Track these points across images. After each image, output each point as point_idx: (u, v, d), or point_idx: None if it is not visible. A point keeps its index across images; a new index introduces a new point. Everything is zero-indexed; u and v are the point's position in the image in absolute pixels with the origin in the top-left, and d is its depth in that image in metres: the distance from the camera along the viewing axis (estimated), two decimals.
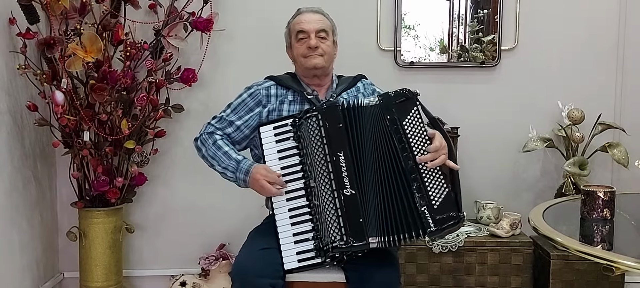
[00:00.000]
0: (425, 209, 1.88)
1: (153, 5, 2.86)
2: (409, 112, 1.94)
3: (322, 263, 1.97)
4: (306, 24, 2.19)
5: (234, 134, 2.20)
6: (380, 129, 1.93)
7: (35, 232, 2.82)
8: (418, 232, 1.88)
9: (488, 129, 3.07)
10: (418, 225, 1.88)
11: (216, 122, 2.22)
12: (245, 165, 2.08)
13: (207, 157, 2.16)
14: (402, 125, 1.92)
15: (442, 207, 1.89)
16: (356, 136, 1.94)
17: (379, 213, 1.91)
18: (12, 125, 2.61)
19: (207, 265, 2.97)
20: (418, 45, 3.07)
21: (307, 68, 2.19)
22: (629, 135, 2.97)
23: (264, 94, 2.22)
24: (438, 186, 1.91)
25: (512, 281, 2.77)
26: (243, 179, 2.07)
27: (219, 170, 2.14)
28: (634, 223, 2.06)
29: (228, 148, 2.15)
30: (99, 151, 2.74)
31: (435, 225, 1.88)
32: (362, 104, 1.96)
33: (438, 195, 1.90)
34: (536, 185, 3.12)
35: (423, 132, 1.93)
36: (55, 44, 2.54)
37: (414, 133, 1.92)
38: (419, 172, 1.90)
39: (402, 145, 1.91)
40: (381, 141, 1.93)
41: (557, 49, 3.06)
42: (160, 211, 3.12)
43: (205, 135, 2.19)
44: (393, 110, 1.93)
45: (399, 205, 1.89)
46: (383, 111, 1.94)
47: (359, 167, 1.93)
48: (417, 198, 1.89)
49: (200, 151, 2.20)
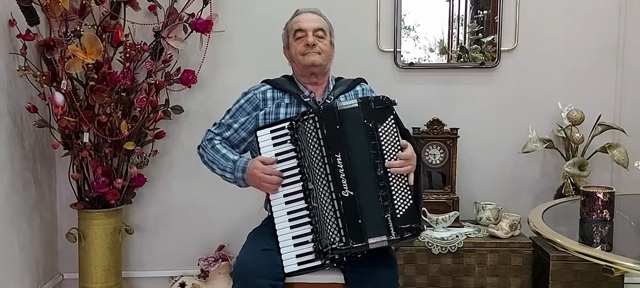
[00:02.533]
0: (389, 217, 1.90)
1: (153, 6, 2.86)
2: (385, 120, 1.95)
3: (322, 266, 1.97)
4: (304, 22, 2.21)
5: (232, 136, 2.23)
6: (359, 132, 1.94)
7: (35, 233, 2.82)
8: (385, 239, 1.91)
9: (488, 130, 3.07)
10: (380, 232, 1.90)
11: (215, 128, 2.26)
12: (242, 163, 2.10)
13: (208, 162, 2.21)
14: (378, 132, 1.94)
15: (404, 217, 1.91)
16: (350, 137, 1.94)
17: (374, 214, 1.92)
18: (12, 126, 2.61)
19: (207, 266, 2.97)
20: (418, 46, 3.07)
21: (304, 65, 2.19)
22: (629, 136, 2.97)
23: (261, 98, 2.24)
24: (404, 197, 1.93)
25: (511, 282, 2.77)
26: (242, 177, 2.09)
27: (219, 172, 2.17)
28: (634, 224, 2.06)
29: (225, 150, 2.18)
30: (99, 152, 2.74)
31: (396, 234, 1.90)
32: (341, 106, 1.96)
33: (403, 205, 1.92)
34: (536, 186, 3.12)
35: (396, 140, 1.95)
36: (55, 46, 2.54)
37: (387, 141, 1.94)
38: (387, 180, 1.92)
39: (376, 151, 1.93)
40: (362, 143, 1.94)
41: (557, 50, 3.06)
42: (160, 212, 3.12)
43: (206, 142, 2.24)
44: (371, 115, 1.94)
45: (375, 209, 1.92)
46: (361, 114, 1.94)
47: (353, 169, 1.93)
48: (382, 205, 1.91)
49: (202, 158, 2.24)
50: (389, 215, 1.90)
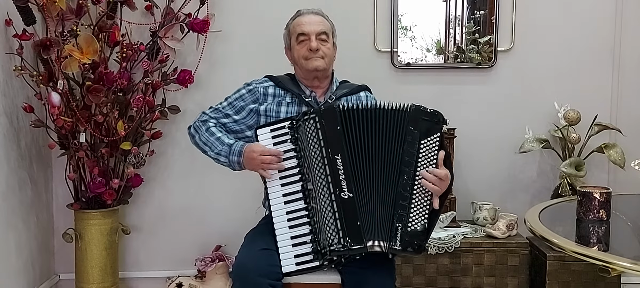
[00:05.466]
0: (400, 227, 1.90)
1: (149, 6, 2.86)
2: (431, 134, 1.93)
3: (320, 266, 1.97)
4: (307, 25, 2.19)
5: (229, 124, 2.22)
6: (396, 136, 1.93)
7: (31, 233, 2.81)
8: (387, 245, 1.91)
9: (484, 130, 3.07)
10: (386, 237, 1.90)
11: (211, 112, 2.24)
12: (238, 147, 2.08)
13: (200, 144, 2.18)
14: (420, 143, 1.92)
15: (414, 233, 1.91)
16: (356, 138, 1.94)
17: (376, 218, 1.92)
18: (8, 126, 2.60)
19: (204, 266, 2.97)
20: (415, 47, 3.07)
21: (308, 70, 2.19)
22: (625, 136, 2.98)
23: (262, 92, 2.23)
24: (421, 213, 1.92)
25: (508, 282, 2.77)
26: (237, 161, 2.08)
27: (212, 155, 2.15)
28: (630, 224, 2.06)
29: (221, 134, 2.16)
30: (95, 152, 2.74)
31: (401, 245, 1.90)
32: (387, 106, 1.94)
33: (417, 221, 1.92)
34: (532, 186, 3.12)
35: (433, 158, 1.93)
36: (51, 46, 2.53)
37: (426, 156, 1.93)
38: (411, 191, 1.91)
39: (410, 159, 1.91)
40: (392, 147, 1.93)
41: (553, 50, 3.06)
42: (157, 212, 3.11)
43: (199, 123, 2.22)
44: (417, 124, 1.92)
45: (385, 214, 1.91)
46: (408, 120, 1.92)
47: (358, 170, 1.93)
48: (397, 214, 1.90)
49: (193, 138, 2.22)
50: (401, 224, 1.90)
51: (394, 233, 1.90)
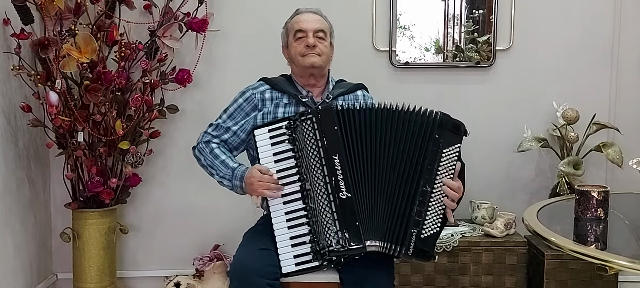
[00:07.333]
0: (415, 233, 1.89)
1: (148, 5, 2.86)
2: (453, 144, 1.95)
3: (319, 266, 1.96)
4: (305, 22, 2.20)
5: (231, 139, 2.22)
6: (416, 140, 1.93)
7: (29, 233, 2.81)
8: (396, 249, 1.90)
9: (483, 129, 3.07)
10: (399, 242, 1.90)
11: (212, 130, 2.23)
12: (240, 172, 2.09)
13: (206, 167, 2.19)
14: (442, 151, 1.93)
15: (426, 240, 1.91)
16: (356, 139, 1.93)
17: (379, 218, 1.91)
18: (5, 126, 2.60)
19: (202, 265, 2.97)
20: (413, 46, 3.07)
21: (304, 66, 2.19)
22: (623, 134, 2.98)
23: (259, 99, 2.23)
24: (435, 220, 1.93)
25: (506, 281, 2.78)
26: (240, 186, 2.09)
27: (217, 179, 2.16)
28: (628, 222, 2.07)
29: (225, 156, 2.16)
30: (93, 152, 2.73)
31: (413, 251, 1.90)
32: (408, 108, 1.94)
33: (431, 228, 1.92)
34: (531, 184, 3.12)
35: (452, 169, 1.95)
36: (49, 45, 2.53)
37: (445, 164, 1.94)
38: (428, 197, 1.91)
39: (430, 166, 1.92)
40: (410, 150, 1.93)
41: (552, 49, 3.06)
42: (155, 212, 3.11)
43: (203, 144, 2.22)
44: (442, 133, 1.93)
45: (395, 217, 1.91)
46: (434, 125, 1.93)
47: (358, 170, 1.92)
48: (413, 220, 1.90)
49: (199, 160, 2.23)
50: (416, 231, 1.89)
51: (408, 238, 1.89)
